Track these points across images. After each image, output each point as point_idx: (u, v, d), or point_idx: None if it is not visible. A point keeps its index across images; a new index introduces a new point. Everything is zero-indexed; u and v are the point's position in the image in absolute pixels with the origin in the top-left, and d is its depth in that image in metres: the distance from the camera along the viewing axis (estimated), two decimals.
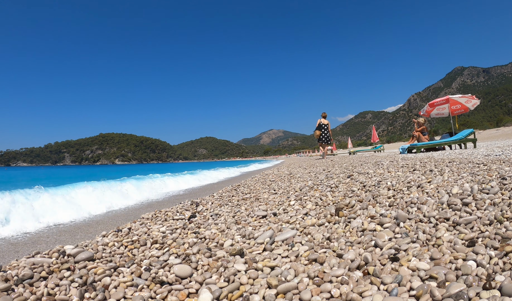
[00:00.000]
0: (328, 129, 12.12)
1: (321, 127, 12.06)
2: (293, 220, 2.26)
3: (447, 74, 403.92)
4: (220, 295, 1.31)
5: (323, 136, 12.04)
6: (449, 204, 1.86)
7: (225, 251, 1.80)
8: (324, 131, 12.05)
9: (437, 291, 1.07)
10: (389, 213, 1.96)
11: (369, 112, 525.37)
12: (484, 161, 3.49)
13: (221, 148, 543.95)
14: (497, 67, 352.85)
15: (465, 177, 2.53)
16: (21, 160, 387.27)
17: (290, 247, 1.77)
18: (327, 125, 12.11)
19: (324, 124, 12.07)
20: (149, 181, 9.11)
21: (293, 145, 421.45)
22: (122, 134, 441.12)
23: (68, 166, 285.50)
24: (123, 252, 1.87)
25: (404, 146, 10.21)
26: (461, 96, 10.62)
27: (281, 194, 3.51)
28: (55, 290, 1.40)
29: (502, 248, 1.26)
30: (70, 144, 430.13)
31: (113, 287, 1.42)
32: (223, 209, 3.05)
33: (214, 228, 2.33)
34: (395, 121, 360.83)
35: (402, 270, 1.27)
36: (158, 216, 2.94)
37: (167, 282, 1.47)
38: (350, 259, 1.46)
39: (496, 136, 30.98)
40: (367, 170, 4.13)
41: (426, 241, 1.51)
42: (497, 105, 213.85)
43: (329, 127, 12.15)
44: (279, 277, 1.39)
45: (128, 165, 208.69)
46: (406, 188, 2.52)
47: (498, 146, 7.63)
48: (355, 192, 2.76)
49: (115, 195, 6.21)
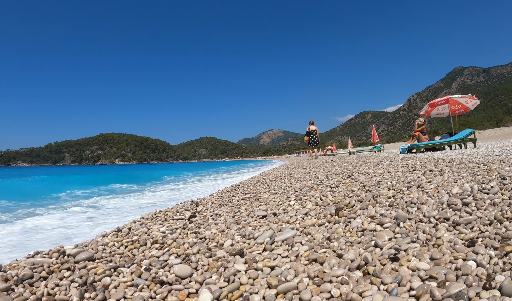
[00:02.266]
0: (316, 134, 14.13)
1: (309, 133, 14.15)
2: (293, 220, 2.26)
3: (447, 74, 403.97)
4: (220, 295, 1.31)
5: (312, 140, 14.10)
6: (449, 204, 1.86)
7: (225, 251, 1.80)
8: (312, 136, 14.11)
9: (437, 291, 1.07)
10: (389, 213, 1.96)
11: (369, 112, 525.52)
12: (484, 161, 3.49)
13: (221, 148, 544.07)
14: (497, 67, 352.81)
15: (465, 177, 2.53)
16: (21, 160, 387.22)
17: (290, 247, 1.77)
18: (315, 131, 14.17)
19: (312, 131, 14.16)
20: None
21: (293, 145, 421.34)
22: (122, 134, 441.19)
23: (68, 166, 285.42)
24: (123, 252, 1.87)
25: (404, 146, 10.21)
26: (461, 96, 10.62)
27: (281, 194, 3.51)
28: (55, 290, 1.40)
29: (502, 248, 1.26)
30: (70, 144, 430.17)
31: (113, 287, 1.42)
32: (223, 209, 3.05)
33: (214, 228, 2.33)
34: (395, 121, 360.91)
35: (402, 270, 1.27)
36: (158, 216, 2.94)
37: (167, 282, 1.47)
38: (350, 259, 1.46)
39: (496, 136, 30.98)
40: (367, 170, 4.13)
41: (426, 241, 1.51)
42: (497, 105, 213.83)
43: (317, 132, 14.16)
44: (279, 277, 1.39)
45: (128, 165, 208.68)
46: (406, 188, 2.52)
47: (498, 146, 7.64)
48: (355, 192, 2.76)
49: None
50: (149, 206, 5.99)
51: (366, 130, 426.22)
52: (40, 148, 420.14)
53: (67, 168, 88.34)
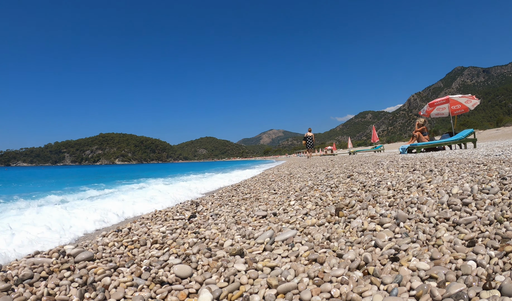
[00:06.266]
0: (312, 139, 17.74)
1: (306, 138, 17.75)
2: (293, 220, 2.26)
3: (447, 74, 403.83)
4: (220, 295, 1.31)
5: (308, 144, 17.70)
6: (449, 204, 1.86)
7: (225, 251, 1.80)
8: (308, 141, 17.65)
9: (437, 291, 1.07)
10: (389, 213, 1.95)
11: (369, 112, 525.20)
12: (484, 161, 3.49)
13: (221, 148, 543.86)
14: (497, 67, 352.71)
15: (465, 177, 2.53)
16: (21, 160, 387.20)
17: (290, 247, 1.77)
18: (311, 136, 17.69)
19: (309, 136, 17.64)
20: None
21: (293, 145, 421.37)
22: (122, 134, 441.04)
23: (68, 166, 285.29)
24: (123, 252, 1.87)
25: (404, 146, 10.21)
26: (461, 96, 10.61)
27: (281, 194, 3.51)
28: (55, 290, 1.40)
29: (502, 248, 1.26)
30: (70, 144, 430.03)
31: (113, 287, 1.42)
32: (223, 209, 3.05)
33: (214, 228, 2.33)
34: (395, 121, 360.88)
35: (402, 270, 1.27)
36: (158, 216, 2.94)
37: (167, 282, 1.47)
38: (350, 259, 1.46)
39: (496, 136, 30.99)
40: (367, 170, 4.12)
41: (426, 241, 1.51)
42: (497, 105, 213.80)
43: (313, 138, 17.75)
44: (279, 277, 1.39)
45: (128, 165, 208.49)
46: (406, 188, 2.52)
47: (498, 146, 7.63)
48: (355, 192, 2.76)
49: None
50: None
51: (366, 130, 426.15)
52: (40, 148, 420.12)
53: (68, 168, 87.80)
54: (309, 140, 17.71)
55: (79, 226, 3.13)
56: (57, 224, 3.05)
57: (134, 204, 4.47)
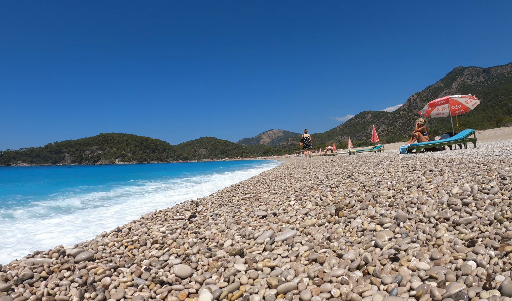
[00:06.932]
0: (309, 140, 18.45)
1: (303, 140, 18.50)
2: (293, 220, 2.26)
3: (447, 74, 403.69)
4: (220, 295, 1.31)
5: (305, 145, 18.45)
6: (449, 204, 1.86)
7: (225, 251, 1.80)
8: (306, 142, 18.42)
9: (437, 291, 1.07)
10: (389, 213, 1.95)
11: (369, 112, 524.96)
12: (484, 161, 3.49)
13: (221, 148, 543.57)
14: (497, 67, 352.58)
15: (465, 177, 2.53)
16: (21, 160, 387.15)
17: (290, 247, 1.77)
18: (308, 137, 18.44)
19: (305, 137, 18.38)
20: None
21: (293, 145, 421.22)
22: (122, 134, 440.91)
23: (68, 166, 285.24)
24: (123, 252, 1.87)
25: (404, 146, 10.21)
26: (461, 96, 10.61)
27: (281, 194, 3.51)
28: (55, 290, 1.40)
29: (502, 248, 1.26)
30: (70, 144, 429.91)
31: (113, 287, 1.42)
32: (223, 209, 3.05)
33: (214, 228, 2.33)
34: (395, 121, 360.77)
35: (402, 270, 1.27)
36: (158, 216, 2.94)
37: (167, 282, 1.47)
38: (350, 259, 1.46)
39: (496, 136, 30.98)
40: (367, 170, 4.12)
41: (426, 241, 1.51)
42: (497, 105, 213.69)
43: (310, 138, 18.50)
44: (279, 277, 1.39)
45: (128, 165, 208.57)
46: (406, 188, 2.52)
47: (498, 146, 7.63)
48: (355, 192, 2.76)
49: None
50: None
51: (366, 130, 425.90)
52: (40, 148, 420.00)
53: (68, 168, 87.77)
54: (307, 141, 18.55)
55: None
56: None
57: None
